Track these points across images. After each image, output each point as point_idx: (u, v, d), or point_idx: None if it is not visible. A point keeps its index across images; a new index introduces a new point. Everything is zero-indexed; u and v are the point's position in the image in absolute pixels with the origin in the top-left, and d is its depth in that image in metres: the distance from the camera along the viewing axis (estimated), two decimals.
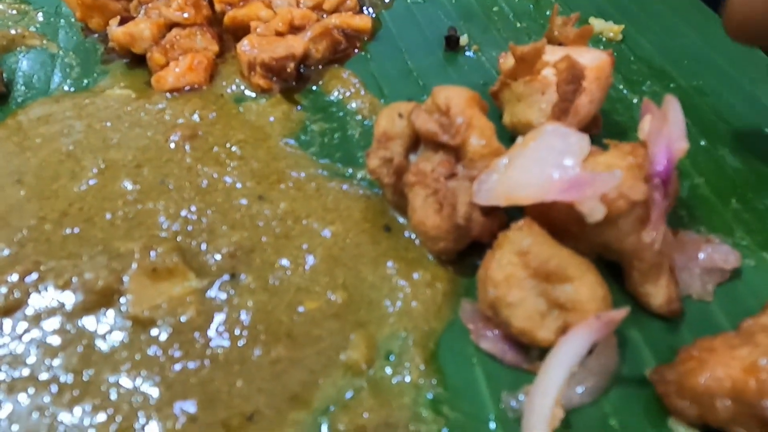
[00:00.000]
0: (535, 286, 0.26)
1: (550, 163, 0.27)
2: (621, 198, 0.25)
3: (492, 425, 0.26)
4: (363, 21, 0.48)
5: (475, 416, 0.27)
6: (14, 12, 0.50)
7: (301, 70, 0.44)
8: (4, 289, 0.29)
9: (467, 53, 0.48)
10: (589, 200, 0.24)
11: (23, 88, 0.43)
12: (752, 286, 0.31)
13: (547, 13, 0.52)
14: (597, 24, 0.49)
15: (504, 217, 0.31)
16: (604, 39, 0.49)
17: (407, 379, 0.27)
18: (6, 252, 0.31)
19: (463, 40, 0.48)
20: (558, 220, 0.28)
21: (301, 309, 0.29)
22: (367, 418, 0.26)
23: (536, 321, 0.26)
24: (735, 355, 0.24)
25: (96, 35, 0.48)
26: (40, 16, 0.50)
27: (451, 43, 0.48)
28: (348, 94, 0.43)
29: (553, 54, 0.36)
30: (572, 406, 0.26)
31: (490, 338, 0.28)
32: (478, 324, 0.29)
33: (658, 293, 0.29)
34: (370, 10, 0.52)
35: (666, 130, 0.27)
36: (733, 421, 0.23)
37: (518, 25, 0.51)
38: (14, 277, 0.29)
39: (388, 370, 0.28)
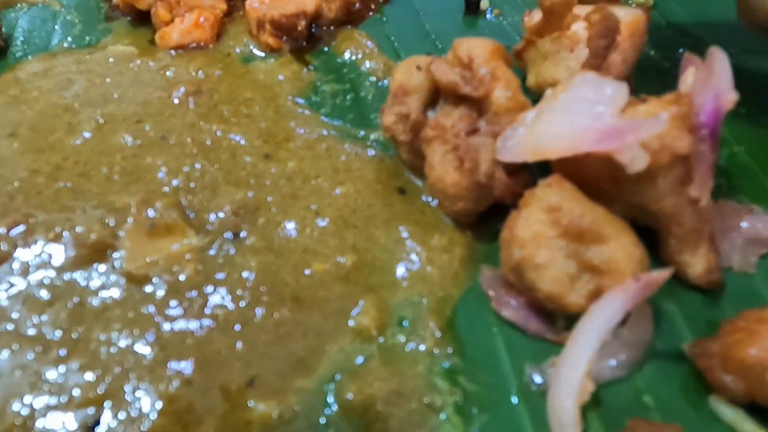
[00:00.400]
0: (565, 246, 0.24)
1: (584, 114, 0.24)
2: (664, 149, 0.23)
3: (514, 399, 0.24)
4: None
5: (495, 388, 0.24)
6: None
7: (313, 30, 0.42)
8: None
9: (488, 17, 0.45)
10: (629, 149, 0.22)
11: (22, 43, 0.41)
12: None
13: None
14: None
15: (529, 177, 0.29)
16: (633, 3, 0.46)
17: (421, 347, 0.25)
18: None
19: (484, 3, 0.45)
20: (590, 178, 0.25)
21: (307, 271, 0.27)
22: (377, 386, 0.24)
23: (566, 284, 0.24)
24: None
25: None
26: None
27: (472, 6, 0.45)
28: (361, 55, 0.40)
29: (583, 10, 0.33)
30: (603, 380, 0.24)
31: (512, 306, 0.26)
32: (500, 291, 0.27)
33: (696, 262, 0.27)
34: None
35: (713, 81, 0.25)
36: None
37: None
38: (1, 230, 0.27)
39: (401, 338, 0.26)
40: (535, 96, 0.35)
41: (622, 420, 0.23)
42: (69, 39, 0.42)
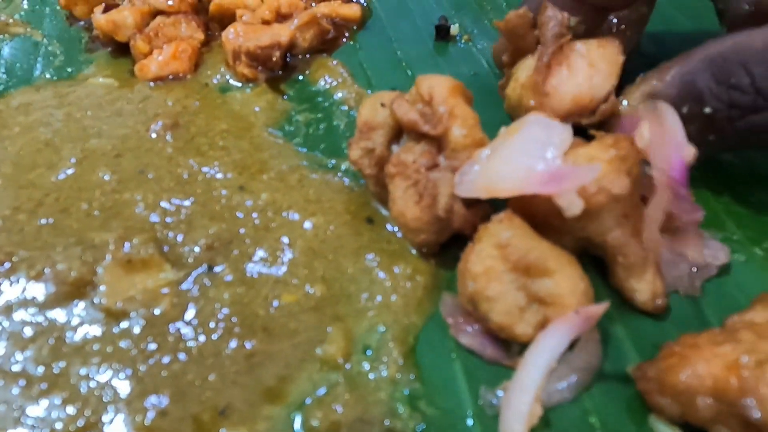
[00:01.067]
0: (514, 279, 0.26)
1: (532, 155, 0.26)
2: (601, 192, 0.25)
3: (470, 422, 0.26)
4: (352, 10, 0.47)
5: (453, 412, 0.26)
6: None
7: (288, 59, 0.43)
8: None
9: (458, 43, 0.47)
10: (567, 194, 0.23)
11: (5, 75, 0.42)
12: (741, 281, 0.31)
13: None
14: None
15: (487, 208, 0.30)
16: None
17: (384, 374, 0.27)
18: None
19: (454, 29, 0.47)
20: (540, 213, 0.27)
21: (277, 302, 0.29)
22: (342, 413, 0.25)
23: (515, 315, 0.25)
24: (717, 352, 0.23)
25: (81, 23, 0.48)
26: (24, 4, 0.50)
27: (442, 33, 0.47)
28: (335, 83, 0.42)
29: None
30: (552, 404, 0.26)
31: (469, 333, 0.28)
32: (458, 318, 0.28)
33: (643, 289, 0.28)
34: None
35: (669, 138, 0.27)
36: (715, 420, 0.23)
37: None
38: None
39: (366, 365, 0.27)
40: None
41: None
42: (51, 70, 0.43)
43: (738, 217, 0.34)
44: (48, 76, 0.43)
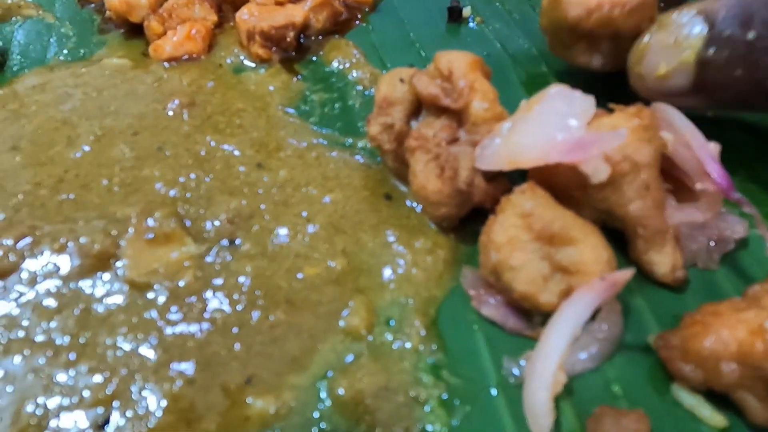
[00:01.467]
0: (538, 249, 0.26)
1: (554, 125, 0.26)
2: (625, 160, 0.25)
3: (493, 391, 0.26)
4: None
5: (476, 381, 0.26)
6: None
7: (301, 41, 0.43)
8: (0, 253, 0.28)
9: (470, 25, 0.47)
10: (592, 160, 0.24)
11: (19, 57, 0.42)
12: (757, 255, 0.31)
13: None
14: None
15: (507, 183, 0.31)
16: None
17: (407, 344, 0.27)
18: (0, 217, 0.30)
19: (466, 11, 0.47)
20: (562, 185, 0.27)
21: (300, 275, 0.29)
22: (367, 382, 0.26)
23: (539, 284, 0.26)
24: (741, 318, 0.23)
25: (92, 5, 0.48)
26: None
27: (454, 15, 0.47)
28: (348, 64, 0.42)
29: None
30: (575, 372, 0.26)
31: (491, 305, 0.28)
32: (480, 290, 0.28)
33: (662, 261, 0.29)
34: None
35: (692, 142, 0.27)
36: (739, 385, 0.23)
37: None
38: (9, 241, 0.29)
39: (389, 336, 0.27)
40: None
41: (593, 409, 0.25)
42: (64, 52, 0.43)
43: (752, 193, 0.34)
44: (62, 57, 0.42)
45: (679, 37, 0.27)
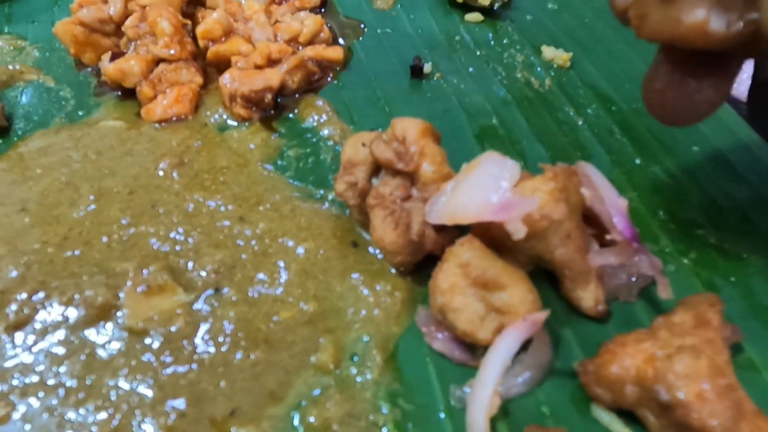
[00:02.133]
0: (475, 293, 0.31)
1: (487, 188, 0.31)
2: (544, 218, 0.30)
3: (441, 415, 0.31)
4: (335, 52, 0.52)
5: (428, 407, 0.31)
6: (11, 48, 0.54)
7: (278, 100, 0.48)
8: (14, 306, 0.32)
9: (431, 80, 0.52)
10: (513, 221, 0.29)
11: (23, 120, 0.47)
12: (672, 288, 0.36)
13: (505, 41, 0.57)
14: (548, 52, 0.54)
15: (454, 232, 0.35)
16: (555, 65, 0.53)
17: (369, 376, 0.32)
18: (14, 273, 0.34)
19: (427, 68, 0.53)
20: (497, 236, 0.32)
21: (276, 318, 0.34)
22: (334, 411, 0.30)
23: (476, 323, 0.30)
24: (640, 348, 0.28)
25: (89, 69, 0.52)
26: (35, 52, 0.54)
27: (416, 72, 0.52)
28: (322, 120, 0.47)
29: None
30: (510, 396, 0.31)
31: (440, 340, 0.33)
32: (431, 327, 0.33)
33: (586, 297, 0.34)
34: (342, 40, 0.57)
35: (602, 196, 0.32)
36: (639, 404, 0.28)
37: (478, 53, 0.55)
38: (23, 296, 0.33)
39: (353, 370, 0.32)
40: None
41: (524, 427, 0.29)
42: (64, 114, 0.48)
43: (671, 232, 0.39)
44: (62, 119, 0.47)
45: None
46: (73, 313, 0.33)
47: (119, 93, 0.49)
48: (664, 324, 0.30)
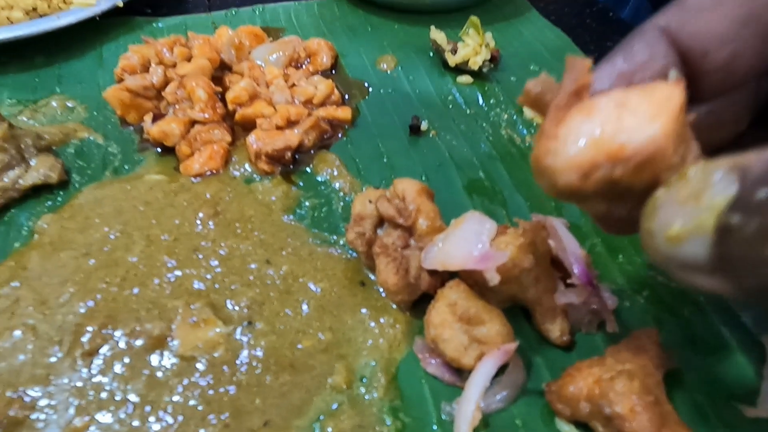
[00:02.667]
0: (460, 327, 0.38)
1: (470, 242, 0.39)
2: (515, 267, 0.37)
3: (434, 426, 0.38)
4: (345, 113, 0.61)
5: (423, 420, 0.38)
6: (64, 108, 0.63)
7: (296, 156, 0.57)
8: (87, 337, 0.40)
9: (428, 136, 0.60)
10: (489, 271, 0.36)
11: (79, 174, 0.55)
12: (626, 322, 0.43)
13: (491, 100, 0.65)
14: (529, 111, 0.62)
15: (445, 275, 0.43)
16: (535, 123, 0.62)
17: (375, 395, 0.39)
18: (84, 309, 0.42)
19: (424, 126, 0.61)
20: (479, 280, 0.40)
21: (299, 346, 0.41)
22: (346, 423, 0.37)
23: (461, 351, 0.38)
24: (591, 372, 0.36)
25: (131, 127, 0.60)
26: (84, 111, 0.63)
27: (414, 129, 0.60)
28: (334, 173, 0.55)
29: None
30: (490, 411, 0.38)
31: (433, 364, 0.40)
32: (426, 354, 0.41)
33: (554, 329, 0.41)
34: (349, 98, 0.65)
35: (565, 247, 0.40)
36: (590, 417, 0.35)
37: (468, 112, 0.64)
38: (94, 328, 0.40)
39: (362, 389, 0.39)
40: None
41: None
42: (112, 168, 0.56)
43: (627, 273, 0.47)
44: (111, 172, 0.55)
45: (699, 194, 0.18)
46: (135, 343, 0.40)
47: (159, 149, 0.57)
48: (611, 353, 0.38)
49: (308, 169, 0.56)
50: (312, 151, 0.58)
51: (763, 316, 0.38)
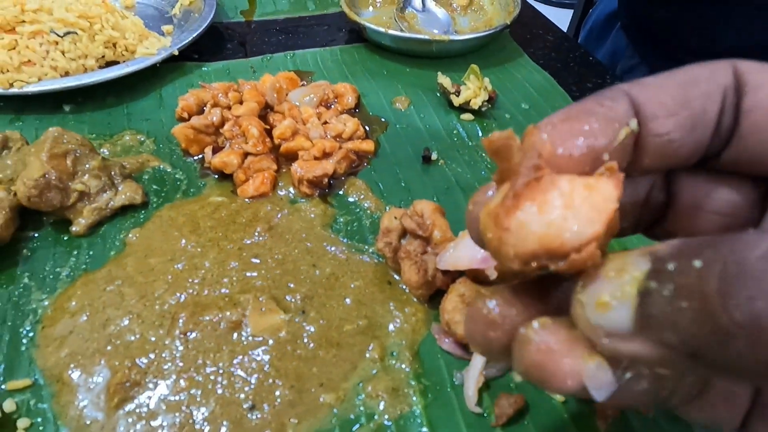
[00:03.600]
0: None
1: (474, 248, 0.51)
2: None
3: (448, 388, 0.50)
4: (368, 145, 0.74)
5: (439, 383, 0.50)
6: (136, 141, 0.76)
7: (331, 182, 0.69)
8: (181, 321, 0.52)
9: (437, 165, 0.73)
10: (490, 268, 0.49)
11: (154, 196, 0.68)
12: None
13: (489, 134, 0.78)
14: None
15: (455, 274, 0.55)
16: None
17: (402, 365, 0.51)
18: (175, 301, 0.54)
19: (434, 156, 0.74)
20: (482, 277, 0.52)
21: (343, 329, 0.53)
22: (382, 384, 0.49)
23: None
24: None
25: (193, 158, 0.73)
26: (153, 144, 0.75)
27: (426, 159, 0.73)
28: (362, 196, 0.68)
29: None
30: (491, 377, 0.50)
31: (447, 343, 0.52)
32: (441, 335, 0.53)
33: None
34: (371, 132, 0.78)
35: None
36: None
37: (470, 143, 0.77)
38: (186, 315, 0.53)
39: (393, 361, 0.51)
40: None
41: (498, 394, 0.48)
42: (181, 192, 0.68)
43: None
44: (180, 195, 0.68)
45: (622, 271, 0.20)
46: (218, 327, 0.52)
47: (217, 176, 0.70)
48: None
49: (341, 192, 0.69)
50: (343, 178, 0.70)
51: None
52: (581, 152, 0.22)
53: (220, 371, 0.49)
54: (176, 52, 0.87)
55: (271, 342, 0.51)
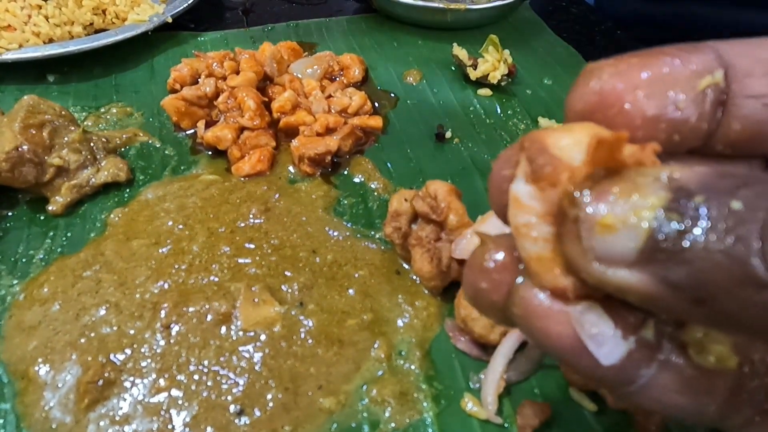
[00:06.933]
0: None
1: (498, 232, 0.45)
2: None
3: (464, 393, 0.44)
4: (376, 121, 0.67)
5: (453, 388, 0.44)
6: (123, 114, 0.69)
7: (335, 160, 0.63)
8: (163, 312, 0.46)
9: (452, 144, 0.67)
10: None
11: (141, 173, 0.62)
12: None
13: (509, 111, 0.71)
14: (543, 122, 0.68)
15: None
16: None
17: (412, 366, 0.45)
18: (157, 290, 0.48)
19: (448, 134, 0.67)
20: None
21: (345, 324, 0.47)
22: (388, 388, 0.43)
23: (488, 329, 0.44)
24: None
25: (184, 132, 0.67)
26: (142, 118, 0.69)
27: (439, 137, 0.67)
28: (368, 176, 0.61)
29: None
30: (512, 382, 0.44)
31: (462, 341, 0.46)
32: (456, 333, 0.47)
33: None
34: (379, 108, 0.71)
35: None
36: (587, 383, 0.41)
37: (488, 121, 0.70)
38: (169, 305, 0.47)
39: (401, 362, 0.45)
40: None
41: (521, 401, 0.43)
42: (170, 169, 0.62)
43: None
44: (169, 172, 0.62)
45: (637, 192, 0.16)
46: (205, 318, 0.46)
47: (210, 152, 0.64)
48: None
49: (345, 172, 0.63)
50: (348, 156, 0.64)
51: None
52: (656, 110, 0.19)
53: (206, 370, 0.43)
54: (170, 20, 0.80)
55: (263, 337, 0.46)
